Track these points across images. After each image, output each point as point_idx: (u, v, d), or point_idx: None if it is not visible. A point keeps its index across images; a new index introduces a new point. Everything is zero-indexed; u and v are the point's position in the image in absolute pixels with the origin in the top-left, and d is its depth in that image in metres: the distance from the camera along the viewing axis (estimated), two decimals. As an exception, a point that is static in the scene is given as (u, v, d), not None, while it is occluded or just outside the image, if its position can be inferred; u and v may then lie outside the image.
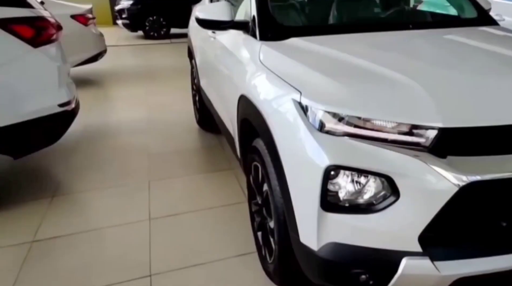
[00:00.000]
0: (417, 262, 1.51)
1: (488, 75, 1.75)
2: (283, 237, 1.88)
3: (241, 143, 2.43)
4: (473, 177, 1.41)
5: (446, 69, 1.80)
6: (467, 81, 1.68)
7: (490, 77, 1.73)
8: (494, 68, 1.83)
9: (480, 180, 1.41)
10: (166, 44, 10.63)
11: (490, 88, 1.63)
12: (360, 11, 2.84)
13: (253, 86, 2.11)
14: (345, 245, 1.59)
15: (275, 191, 1.89)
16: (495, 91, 1.61)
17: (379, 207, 1.52)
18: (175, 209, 3.01)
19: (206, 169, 3.60)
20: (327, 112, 1.59)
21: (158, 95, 5.94)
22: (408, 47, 2.18)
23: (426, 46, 2.17)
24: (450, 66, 1.85)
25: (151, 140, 4.28)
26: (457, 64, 1.88)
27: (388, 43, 2.21)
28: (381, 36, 2.31)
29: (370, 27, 2.40)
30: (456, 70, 1.80)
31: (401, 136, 1.50)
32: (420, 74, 1.69)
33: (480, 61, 1.93)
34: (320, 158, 1.55)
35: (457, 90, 1.60)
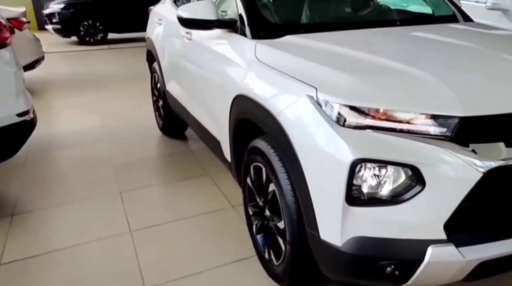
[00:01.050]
0: (443, 249, 1.58)
1: (496, 64, 1.89)
2: (297, 236, 1.90)
3: (234, 145, 2.42)
4: (496, 162, 1.51)
5: (453, 61, 1.91)
6: (479, 71, 1.80)
7: (499, 66, 1.87)
8: (498, 58, 1.97)
9: (502, 165, 1.51)
10: (104, 50, 10.29)
11: (503, 76, 1.76)
12: (350, 9, 2.93)
13: (254, 85, 2.12)
14: (371, 238, 1.64)
15: (285, 190, 1.91)
16: (509, 79, 1.74)
17: (405, 197, 1.58)
18: (155, 219, 2.92)
19: (179, 177, 3.53)
20: (347, 106, 1.63)
21: (109, 103, 5.74)
22: (408, 42, 2.29)
23: (423, 41, 2.30)
24: (456, 59, 1.97)
25: (112, 149, 4.12)
26: (462, 56, 2.00)
27: (389, 39, 2.31)
28: (379, 33, 2.41)
29: (364, 24, 2.49)
30: (463, 61, 1.92)
31: (423, 127, 1.58)
32: (431, 67, 1.79)
33: (481, 53, 2.07)
34: (344, 152, 1.59)
35: (472, 80, 1.71)
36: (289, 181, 1.90)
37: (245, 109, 2.18)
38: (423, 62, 1.88)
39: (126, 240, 2.71)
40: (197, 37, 2.94)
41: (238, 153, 2.44)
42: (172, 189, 3.35)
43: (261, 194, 2.22)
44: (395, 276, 1.66)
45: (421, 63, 1.83)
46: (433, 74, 1.69)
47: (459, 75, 1.75)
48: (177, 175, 3.55)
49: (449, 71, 1.77)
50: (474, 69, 1.83)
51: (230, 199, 3.10)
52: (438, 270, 1.62)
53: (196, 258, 2.50)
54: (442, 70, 1.76)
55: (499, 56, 2.00)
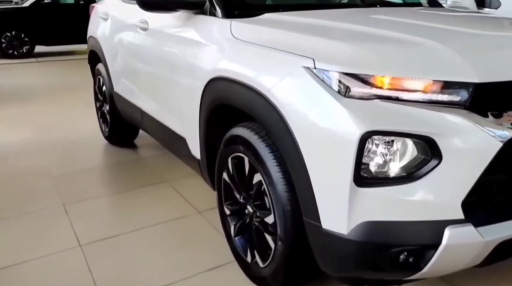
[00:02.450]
0: (461, 230, 1.47)
1: (500, 32, 1.84)
2: (291, 229, 1.72)
3: (206, 138, 2.21)
4: (515, 131, 1.43)
5: (454, 32, 1.85)
6: (487, 40, 1.75)
7: (503, 33, 1.82)
8: (498, 26, 1.94)
9: (523, 132, 1.43)
10: (32, 63, 9.65)
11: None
12: None
13: (234, 65, 1.95)
14: (381, 223, 1.50)
15: (276, 179, 1.73)
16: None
17: (420, 174, 1.46)
18: (109, 231, 2.62)
19: (133, 185, 3.23)
20: (351, 75, 1.50)
21: (41, 116, 5.28)
22: (399, 17, 2.21)
23: (414, 15, 2.24)
24: (459, 31, 1.90)
25: (50, 161, 3.74)
26: (463, 26, 1.95)
27: (377, 15, 2.23)
28: (365, 11, 2.32)
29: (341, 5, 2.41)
30: (467, 33, 1.86)
31: (435, 96, 1.48)
32: (434, 36, 1.71)
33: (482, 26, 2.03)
34: (352, 126, 1.45)
35: (482, 47, 1.65)
36: (279, 167, 1.73)
37: (223, 93, 2.00)
38: (424, 32, 1.80)
39: (76, 255, 2.39)
40: (155, 25, 2.73)
41: (210, 147, 2.23)
42: (125, 199, 3.05)
43: (242, 189, 2.02)
44: (409, 264, 1.52)
45: (423, 33, 1.75)
46: (440, 42, 1.60)
47: (467, 43, 1.68)
48: (130, 184, 3.25)
49: (455, 39, 1.70)
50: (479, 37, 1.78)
51: (195, 205, 2.86)
52: (456, 254, 1.50)
53: (163, 269, 2.23)
54: (447, 39, 1.68)
55: (499, 25, 1.97)
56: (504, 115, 1.47)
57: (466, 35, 1.82)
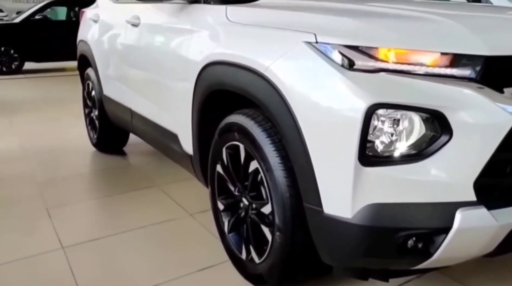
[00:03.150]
0: (473, 213, 1.39)
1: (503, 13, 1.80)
2: (290, 217, 1.62)
3: (199, 130, 2.12)
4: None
5: (463, 13, 1.80)
6: (492, 18, 1.70)
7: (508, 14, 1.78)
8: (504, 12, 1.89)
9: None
10: (20, 79, 9.55)
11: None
12: None
13: (230, 47, 1.88)
14: (387, 205, 1.41)
15: (274, 164, 1.64)
16: None
17: (429, 151, 1.38)
18: (94, 233, 2.50)
19: (121, 190, 3.11)
20: (355, 48, 1.44)
21: (28, 126, 5.16)
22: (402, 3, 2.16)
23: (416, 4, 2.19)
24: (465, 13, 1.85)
25: (35, 168, 3.61)
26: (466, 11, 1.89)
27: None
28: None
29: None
30: (473, 14, 1.80)
31: (444, 69, 1.41)
32: (439, 11, 1.65)
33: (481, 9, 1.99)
34: (357, 99, 1.38)
35: (491, 23, 1.60)
36: (277, 152, 1.65)
37: (218, 78, 1.92)
38: (428, 8, 1.75)
39: (58, 257, 2.26)
40: (148, 20, 2.67)
41: (203, 141, 2.14)
42: (112, 202, 2.93)
43: (238, 179, 1.92)
44: (418, 250, 1.43)
45: (427, 9, 1.70)
46: (446, 17, 1.54)
47: (477, 21, 1.63)
48: (118, 188, 3.13)
49: (465, 18, 1.64)
50: (488, 18, 1.73)
51: (186, 208, 2.75)
52: (468, 239, 1.41)
53: (150, 270, 2.11)
54: (457, 17, 1.62)
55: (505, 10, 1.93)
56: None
57: (475, 16, 1.76)
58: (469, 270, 2.00)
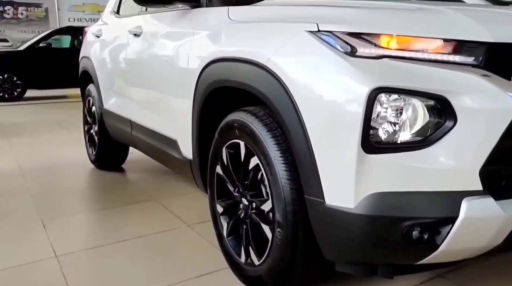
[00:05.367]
0: (480, 202, 1.37)
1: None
2: (291, 212, 1.59)
3: (199, 133, 2.12)
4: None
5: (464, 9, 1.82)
6: (496, 12, 1.71)
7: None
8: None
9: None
10: (22, 105, 9.63)
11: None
12: None
13: (231, 44, 1.91)
14: (391, 194, 1.39)
15: (274, 158, 1.63)
16: None
17: (433, 138, 1.37)
18: (89, 243, 2.47)
19: (119, 203, 3.07)
20: (357, 35, 1.45)
21: (27, 147, 5.15)
22: None
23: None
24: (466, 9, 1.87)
25: (31, 183, 3.59)
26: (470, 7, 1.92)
27: None
28: None
29: None
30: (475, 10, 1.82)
31: (446, 56, 1.41)
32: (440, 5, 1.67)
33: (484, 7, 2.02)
34: (359, 83, 1.38)
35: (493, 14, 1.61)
36: (278, 146, 1.64)
37: (218, 75, 1.93)
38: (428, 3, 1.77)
39: (51, 266, 2.21)
40: (150, 27, 2.72)
41: (202, 145, 2.13)
42: (110, 215, 2.89)
43: (237, 179, 1.90)
44: (424, 241, 1.40)
45: (427, 3, 1.72)
46: (449, 9, 1.56)
47: (480, 12, 1.65)
48: (115, 202, 3.10)
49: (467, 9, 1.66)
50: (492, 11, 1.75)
51: (184, 219, 2.71)
52: (475, 229, 1.38)
53: (146, 277, 2.07)
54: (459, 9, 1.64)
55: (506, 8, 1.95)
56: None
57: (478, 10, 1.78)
58: (472, 275, 1.96)
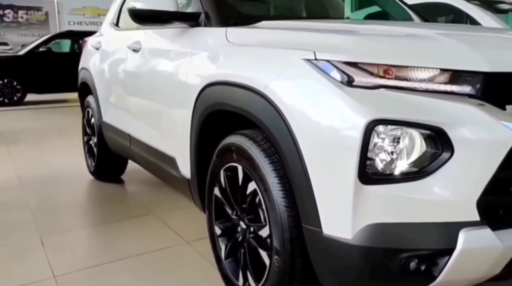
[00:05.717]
0: (477, 233, 1.37)
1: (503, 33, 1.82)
2: (289, 239, 1.59)
3: (197, 153, 2.12)
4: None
5: (461, 33, 1.82)
6: (493, 36, 1.72)
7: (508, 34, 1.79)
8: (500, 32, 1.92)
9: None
10: (21, 110, 9.64)
11: None
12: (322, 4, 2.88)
13: (229, 67, 1.90)
14: (388, 225, 1.39)
15: (272, 184, 1.63)
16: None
17: (430, 169, 1.37)
18: (87, 262, 2.46)
19: (117, 217, 3.08)
20: (354, 65, 1.45)
21: (25, 155, 5.15)
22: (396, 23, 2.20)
23: (413, 25, 2.22)
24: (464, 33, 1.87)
25: (30, 196, 3.58)
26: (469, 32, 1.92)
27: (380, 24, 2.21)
28: (360, 21, 2.32)
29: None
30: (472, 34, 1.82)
31: (443, 86, 1.41)
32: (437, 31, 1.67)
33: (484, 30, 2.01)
34: (356, 114, 1.38)
35: (490, 40, 1.61)
36: (276, 172, 1.64)
37: (217, 98, 1.93)
38: (426, 28, 1.77)
39: (48, 286, 2.21)
40: (149, 44, 2.71)
41: (201, 165, 2.13)
42: (109, 230, 2.89)
43: (235, 202, 1.90)
44: (421, 273, 1.40)
45: (424, 29, 1.72)
46: (448, 37, 1.56)
47: (476, 38, 1.65)
48: (114, 216, 3.10)
49: (463, 36, 1.66)
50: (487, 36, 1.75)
51: (183, 236, 2.71)
52: (472, 260, 1.38)
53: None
54: (455, 35, 1.64)
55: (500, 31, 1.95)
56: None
57: (475, 35, 1.78)
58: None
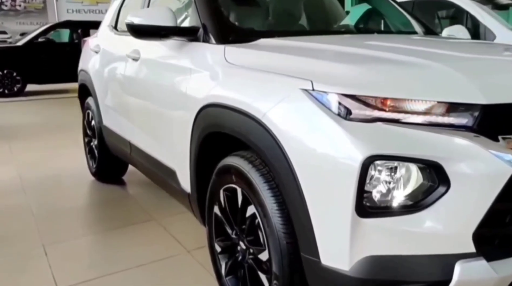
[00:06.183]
0: (473, 265, 1.39)
1: (505, 56, 1.81)
2: (288, 265, 1.62)
3: (197, 169, 2.13)
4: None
5: (459, 56, 1.82)
6: (491, 61, 1.72)
7: (505, 58, 1.79)
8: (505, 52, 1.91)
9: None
10: (21, 102, 9.65)
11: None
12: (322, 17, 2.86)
13: (227, 90, 1.90)
14: (385, 257, 1.42)
15: (271, 211, 1.65)
16: None
17: (426, 202, 1.39)
18: (91, 273, 2.49)
19: (119, 224, 3.11)
20: (351, 97, 1.45)
21: (27, 153, 5.18)
22: (396, 41, 2.20)
23: (414, 42, 2.22)
24: (462, 55, 1.87)
25: (33, 200, 3.62)
26: (461, 49, 1.92)
27: (376, 40, 2.21)
28: (358, 37, 2.32)
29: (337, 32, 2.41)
30: (470, 57, 1.83)
31: (440, 118, 1.42)
32: (436, 58, 1.67)
33: (483, 50, 2.01)
34: (353, 150, 1.39)
35: (487, 68, 1.61)
36: (275, 198, 1.65)
37: (215, 120, 1.94)
38: (424, 54, 1.77)
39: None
40: (148, 54, 2.71)
41: (201, 178, 2.15)
42: (110, 238, 2.93)
43: (235, 223, 1.92)
44: (418, 305, 1.41)
45: (422, 55, 1.72)
46: (444, 64, 1.56)
47: (473, 65, 1.65)
48: (116, 222, 3.14)
49: (460, 62, 1.66)
50: (484, 60, 1.75)
51: (184, 244, 2.75)
52: (467, 292, 1.40)
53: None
54: (452, 61, 1.64)
55: (501, 50, 1.95)
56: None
57: (471, 59, 1.79)
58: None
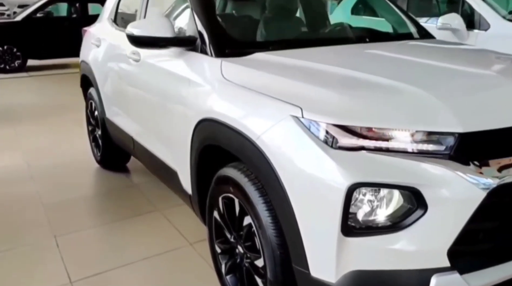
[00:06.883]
0: (447, 278, 1.54)
1: (486, 77, 1.91)
2: (281, 274, 1.77)
3: (197, 174, 2.27)
4: (500, 180, 1.49)
5: (441, 75, 1.92)
6: (471, 84, 1.82)
7: (490, 79, 1.89)
8: (487, 70, 2.01)
9: (506, 182, 1.49)
10: (23, 78, 9.71)
11: (497, 89, 1.78)
12: (316, 26, 2.93)
13: (224, 107, 2.01)
14: (368, 272, 1.56)
15: (265, 223, 1.79)
16: (503, 92, 1.75)
17: (405, 223, 1.52)
18: (101, 266, 2.66)
19: (124, 215, 3.28)
20: (338, 126, 1.56)
21: (31, 138, 5.27)
22: (384, 57, 2.29)
23: (400, 55, 2.31)
24: (443, 72, 1.97)
25: (41, 189, 3.77)
26: (449, 70, 2.01)
27: (363, 55, 2.30)
28: (350, 48, 2.40)
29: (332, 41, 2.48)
30: (452, 75, 1.93)
31: (420, 145, 1.54)
32: (419, 81, 1.78)
33: (467, 65, 2.10)
34: (339, 177, 1.51)
35: (466, 94, 1.71)
36: (269, 212, 1.79)
37: (214, 135, 2.05)
38: (409, 77, 1.87)
39: (68, 293, 2.43)
40: (147, 57, 2.79)
41: (201, 183, 2.29)
42: (117, 229, 3.09)
43: (233, 229, 2.07)
44: (398, 313, 1.57)
45: (407, 78, 1.82)
46: (424, 89, 1.67)
47: (451, 89, 1.75)
48: (122, 213, 3.30)
49: (439, 86, 1.77)
50: (467, 82, 1.85)
51: (187, 236, 2.91)
52: (442, 302, 1.55)
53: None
54: (431, 85, 1.75)
55: (482, 71, 2.04)
56: (491, 163, 1.53)
57: (450, 78, 1.89)
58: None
